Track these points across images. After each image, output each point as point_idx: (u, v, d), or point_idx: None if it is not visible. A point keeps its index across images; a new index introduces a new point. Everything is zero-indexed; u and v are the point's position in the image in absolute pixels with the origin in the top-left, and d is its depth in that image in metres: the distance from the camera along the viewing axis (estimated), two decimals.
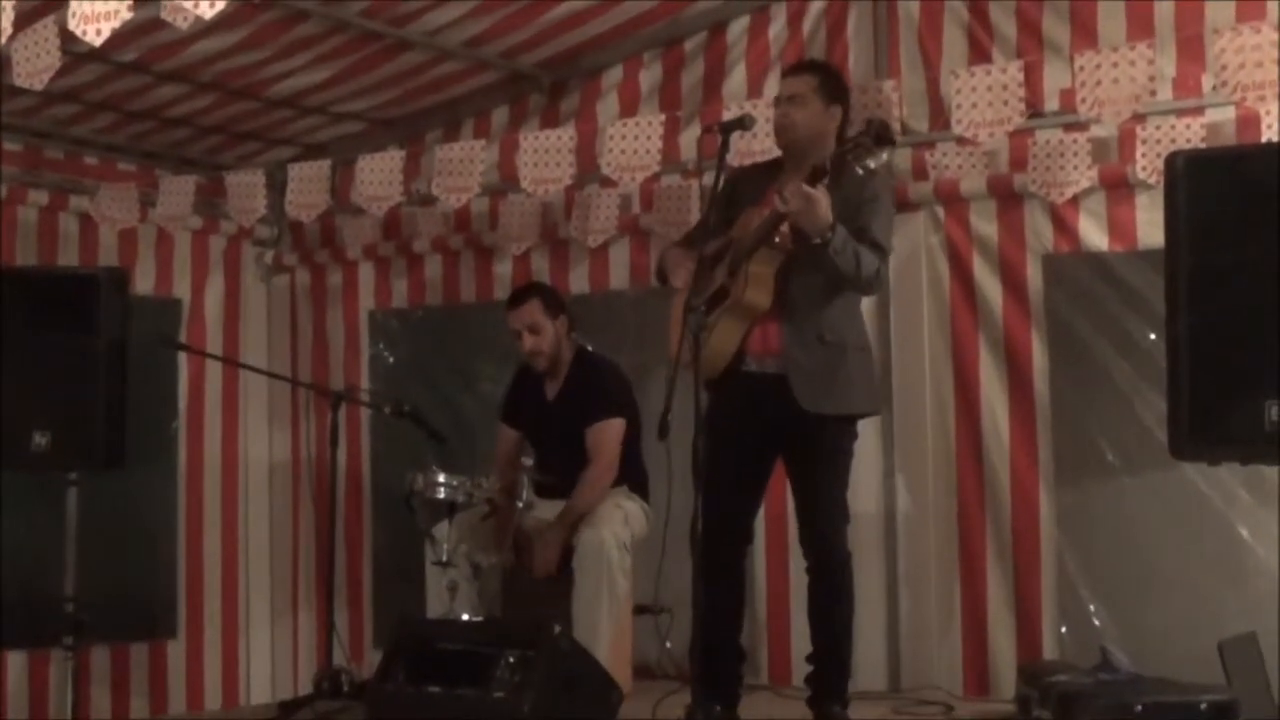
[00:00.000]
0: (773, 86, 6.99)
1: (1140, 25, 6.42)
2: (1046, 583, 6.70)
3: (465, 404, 8.31)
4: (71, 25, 5.34)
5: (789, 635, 7.11)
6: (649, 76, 7.81)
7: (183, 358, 8.39)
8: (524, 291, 7.11)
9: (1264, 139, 6.05)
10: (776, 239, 5.42)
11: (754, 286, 5.50)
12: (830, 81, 5.78)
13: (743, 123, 5.58)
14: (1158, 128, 6.36)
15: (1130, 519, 6.54)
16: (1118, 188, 6.56)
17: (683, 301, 5.63)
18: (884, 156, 5.22)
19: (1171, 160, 4.98)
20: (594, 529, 6.52)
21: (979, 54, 6.85)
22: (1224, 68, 5.80)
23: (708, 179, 5.76)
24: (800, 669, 5.93)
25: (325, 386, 8.26)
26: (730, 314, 5.50)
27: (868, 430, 6.79)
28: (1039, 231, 6.78)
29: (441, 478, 6.50)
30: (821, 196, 5.26)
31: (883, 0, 7.16)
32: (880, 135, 5.17)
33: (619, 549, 6.51)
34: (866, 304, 6.38)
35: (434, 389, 8.38)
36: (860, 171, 5.21)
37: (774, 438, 5.70)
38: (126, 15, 5.16)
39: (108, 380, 6.58)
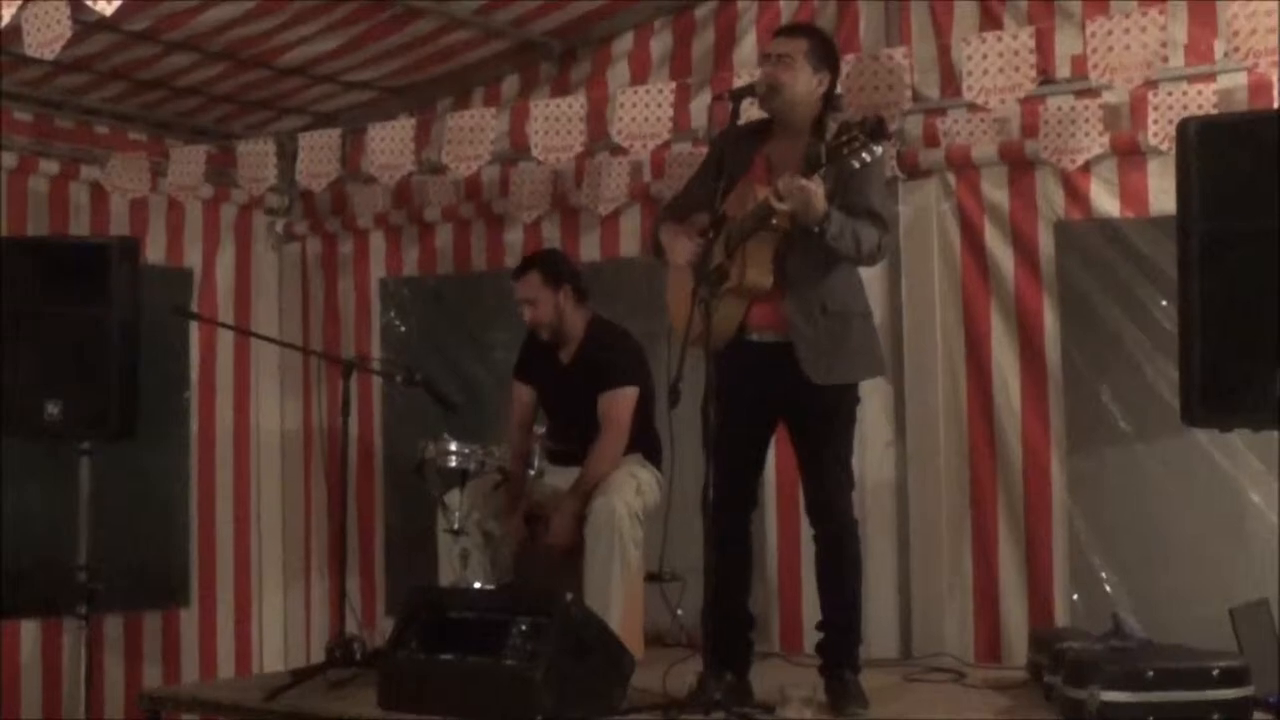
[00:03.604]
0: None
1: None
2: (1058, 549, 6.70)
3: (477, 372, 8.33)
4: None
5: (800, 603, 7.12)
6: (660, 44, 7.80)
7: (194, 327, 8.41)
8: (525, 263, 7.12)
9: (1276, 105, 6.04)
10: (773, 221, 5.40)
11: (754, 268, 5.47)
12: (820, 47, 5.72)
13: (753, 90, 5.60)
14: (1169, 94, 6.33)
15: (1142, 486, 6.53)
16: (1129, 154, 6.54)
17: (681, 276, 5.64)
18: (878, 151, 5.20)
19: (1183, 126, 4.98)
20: (606, 497, 6.52)
21: (990, 20, 6.82)
22: (1236, 33, 5.78)
23: None
24: (811, 636, 5.93)
25: (337, 355, 8.26)
26: (731, 295, 5.48)
27: (879, 397, 6.82)
28: (1050, 198, 6.76)
29: (453, 446, 6.51)
30: (816, 188, 5.25)
31: None
32: (875, 131, 5.14)
33: (631, 518, 6.52)
34: (877, 271, 6.38)
35: (445, 357, 8.40)
36: (855, 165, 5.20)
37: (776, 404, 5.69)
38: None
39: (119, 350, 6.61)
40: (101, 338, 6.57)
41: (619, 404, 6.78)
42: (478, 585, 6.43)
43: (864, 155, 5.16)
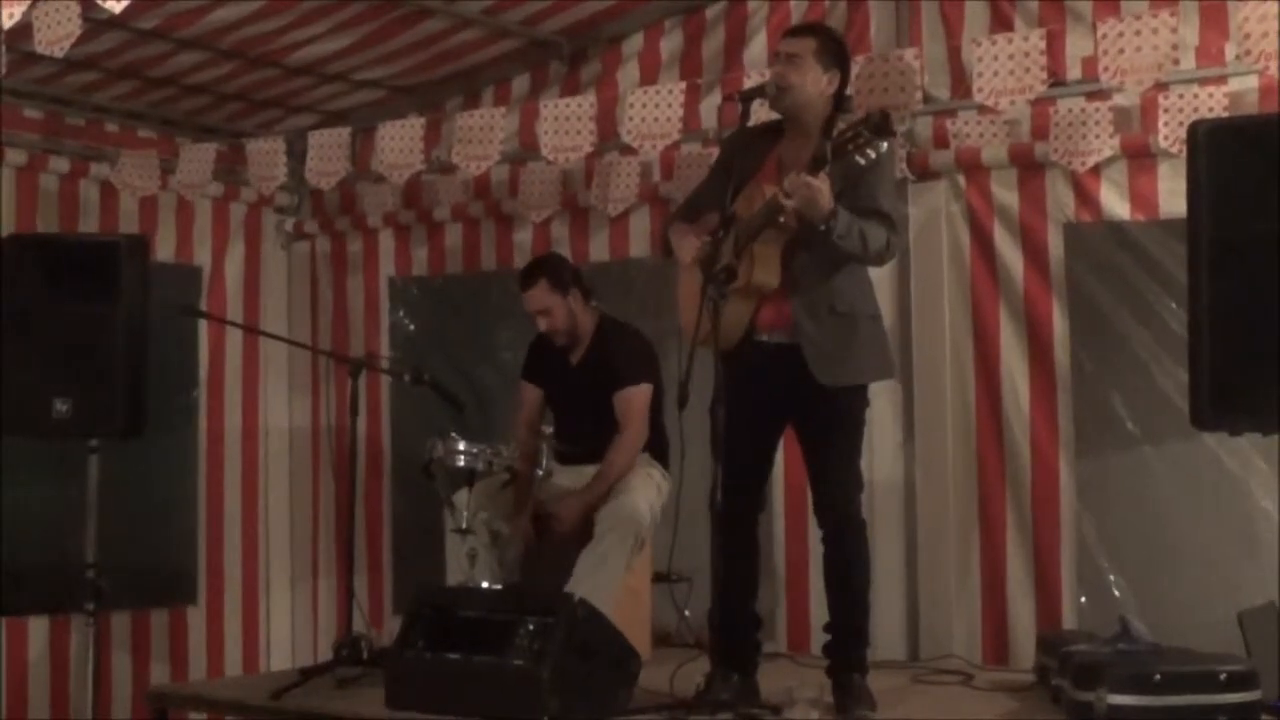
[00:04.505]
0: None
1: None
2: (1066, 552, 6.70)
3: (485, 372, 8.33)
4: None
5: (808, 604, 7.12)
6: (669, 44, 7.80)
7: (203, 325, 8.42)
8: (530, 273, 7.02)
9: None
10: (781, 219, 5.39)
11: (761, 267, 5.47)
12: (830, 46, 5.71)
13: (763, 91, 5.59)
14: (1180, 96, 6.33)
15: (1150, 489, 6.53)
16: (1139, 156, 6.54)
17: (691, 276, 5.62)
18: (884, 147, 5.18)
19: (1194, 129, 4.96)
20: (629, 495, 6.50)
21: (1001, 22, 6.82)
22: (1247, 36, 5.77)
23: None
24: (819, 638, 5.93)
25: (345, 354, 8.28)
26: (739, 295, 5.47)
27: (887, 399, 6.81)
28: (1060, 200, 6.76)
29: (461, 445, 6.51)
30: (822, 185, 5.24)
31: None
32: (879, 127, 5.12)
33: (651, 522, 6.50)
34: (886, 272, 6.37)
35: (454, 356, 8.40)
36: (861, 161, 5.18)
37: (785, 405, 5.68)
38: None
39: (128, 348, 6.61)
40: (110, 335, 6.58)
41: (636, 400, 6.76)
42: (485, 585, 6.42)
43: (869, 151, 5.14)
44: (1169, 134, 6.32)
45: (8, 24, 5.63)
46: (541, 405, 7.11)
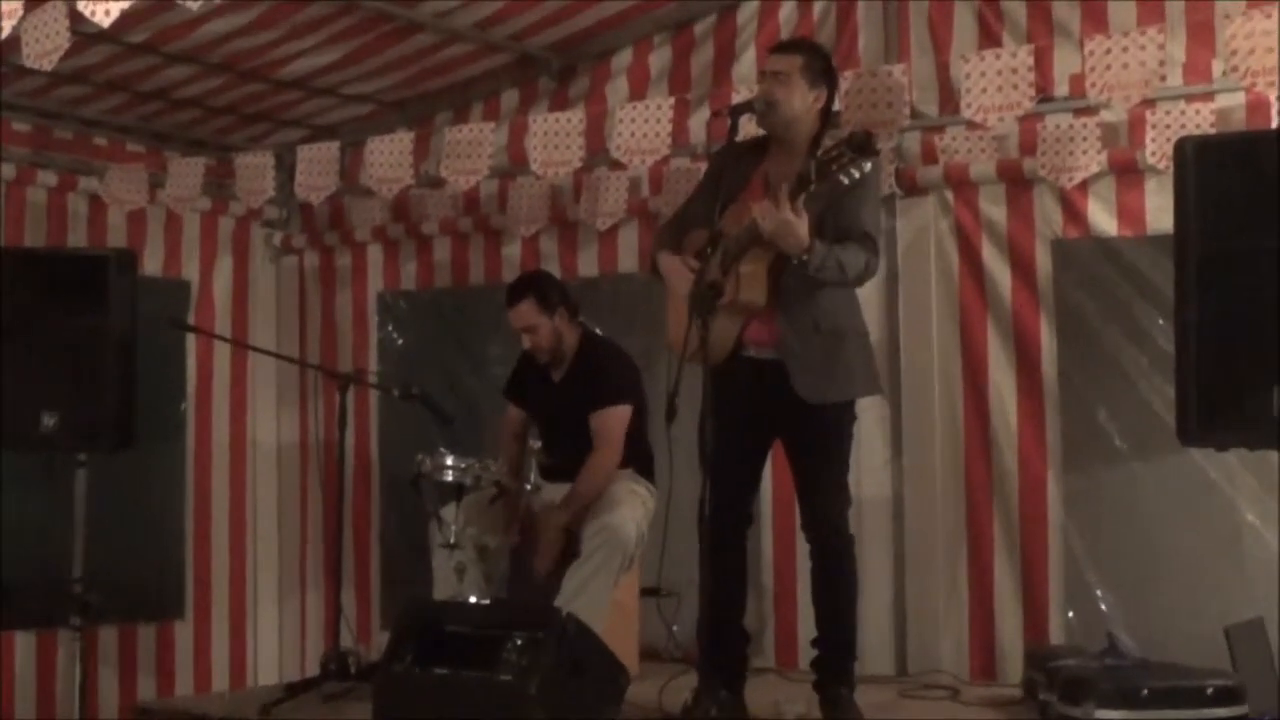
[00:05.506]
0: None
1: (1151, 10, 6.40)
2: (1054, 567, 6.70)
3: (474, 386, 8.32)
4: (80, 6, 5.34)
5: (795, 619, 7.12)
6: (659, 59, 7.81)
7: (191, 339, 8.40)
8: (517, 291, 6.95)
9: (1274, 125, 6.06)
10: (766, 237, 5.39)
11: (747, 286, 5.46)
12: (816, 62, 5.71)
13: (752, 106, 5.59)
14: (1167, 113, 6.34)
15: (1138, 504, 6.53)
16: (1127, 173, 6.55)
17: (679, 303, 5.61)
18: (867, 166, 5.16)
19: (1181, 145, 4.99)
20: (616, 513, 6.45)
21: (989, 38, 6.83)
22: (1234, 53, 5.78)
23: None
24: (806, 653, 5.93)
25: (333, 368, 8.26)
26: (726, 311, 5.46)
27: (875, 415, 6.82)
28: (1048, 216, 6.77)
29: (449, 460, 6.50)
30: (796, 220, 5.23)
31: None
32: (862, 146, 5.10)
33: (639, 540, 6.47)
34: (874, 287, 6.37)
35: (442, 371, 8.39)
36: (845, 180, 5.16)
37: (772, 421, 5.68)
38: None
39: (116, 361, 6.60)
40: (99, 349, 6.57)
41: (612, 422, 6.72)
42: (473, 599, 6.41)
43: (852, 171, 5.12)
44: (1156, 150, 6.33)
45: None
46: (523, 423, 7.08)
